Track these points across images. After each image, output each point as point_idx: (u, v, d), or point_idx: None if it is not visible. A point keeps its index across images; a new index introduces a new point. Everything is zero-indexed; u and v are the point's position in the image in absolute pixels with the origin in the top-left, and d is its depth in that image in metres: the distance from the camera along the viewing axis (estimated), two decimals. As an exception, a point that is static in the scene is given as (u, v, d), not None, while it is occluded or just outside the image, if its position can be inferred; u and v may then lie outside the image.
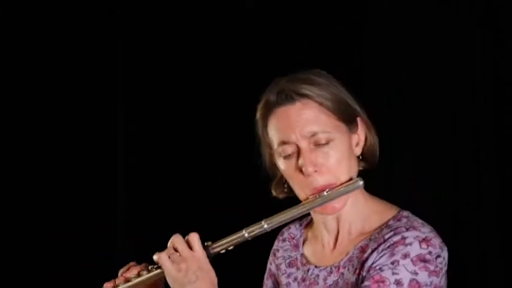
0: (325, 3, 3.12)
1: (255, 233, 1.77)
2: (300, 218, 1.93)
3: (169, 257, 1.73)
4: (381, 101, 2.84)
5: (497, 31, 2.80)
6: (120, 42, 3.41)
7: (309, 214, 1.89)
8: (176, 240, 1.74)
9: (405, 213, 1.79)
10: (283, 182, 1.88)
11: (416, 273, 1.66)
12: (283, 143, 1.78)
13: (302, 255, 1.93)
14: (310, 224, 1.98)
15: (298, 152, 1.77)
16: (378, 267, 1.68)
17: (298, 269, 1.92)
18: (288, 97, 1.78)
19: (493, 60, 2.81)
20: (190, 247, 1.73)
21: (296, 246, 1.97)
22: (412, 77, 2.92)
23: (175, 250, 1.73)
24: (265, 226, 1.76)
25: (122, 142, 3.42)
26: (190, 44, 3.33)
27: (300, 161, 1.76)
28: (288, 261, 1.96)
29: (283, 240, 2.01)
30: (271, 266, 2.03)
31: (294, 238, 1.99)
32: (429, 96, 2.89)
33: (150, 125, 3.39)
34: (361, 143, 1.83)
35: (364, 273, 1.71)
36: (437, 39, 2.88)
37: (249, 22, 3.25)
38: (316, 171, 1.75)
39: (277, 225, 1.78)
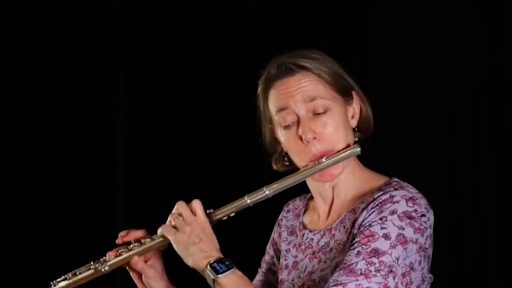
0: (325, 3, 3.12)
1: (256, 198, 1.84)
2: (303, 189, 1.98)
3: (172, 224, 1.81)
4: (380, 100, 2.84)
5: (497, 29, 2.80)
6: (120, 42, 3.41)
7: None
8: (180, 206, 1.82)
9: (395, 179, 1.87)
10: (283, 155, 1.95)
11: (403, 228, 1.73)
12: (282, 109, 1.86)
13: (301, 223, 2.01)
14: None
15: (298, 122, 1.85)
16: (367, 224, 1.75)
17: (297, 236, 1.99)
18: (288, 69, 1.87)
19: (493, 60, 2.81)
20: (193, 213, 1.81)
21: (298, 215, 2.04)
22: (411, 77, 2.92)
23: (179, 216, 1.81)
24: (267, 192, 1.84)
25: (121, 135, 3.43)
26: (190, 43, 3.33)
27: (300, 129, 1.84)
28: (289, 230, 2.03)
29: (288, 211, 2.08)
30: (274, 235, 2.10)
31: (297, 209, 2.06)
32: (429, 96, 2.89)
33: (150, 118, 3.40)
34: (357, 115, 1.92)
35: (355, 231, 1.78)
36: (437, 39, 2.89)
37: (249, 22, 3.25)
38: (315, 138, 1.83)
39: (278, 191, 1.86)
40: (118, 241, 1.93)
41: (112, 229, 3.25)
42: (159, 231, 1.84)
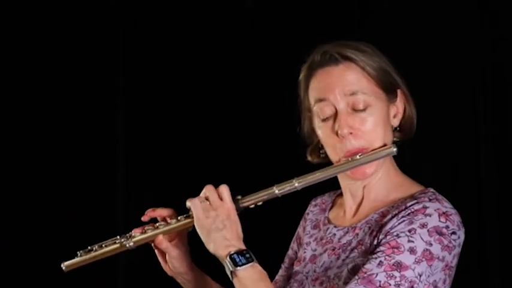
0: (325, 2, 3.12)
1: (285, 190, 1.80)
2: (334, 185, 1.94)
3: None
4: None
5: (497, 29, 2.80)
6: (120, 42, 3.42)
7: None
8: (208, 189, 1.79)
9: (431, 189, 1.81)
10: (319, 147, 1.91)
11: (431, 244, 1.67)
12: (320, 100, 1.81)
13: (326, 217, 1.97)
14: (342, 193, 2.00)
15: (335, 116, 1.80)
16: (395, 233, 1.69)
17: (320, 229, 1.96)
18: (332, 58, 1.83)
19: (493, 60, 2.81)
20: (220, 198, 1.77)
21: (324, 210, 2.00)
22: (411, 77, 2.90)
23: (206, 199, 1.77)
24: (296, 184, 1.80)
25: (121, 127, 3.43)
26: (190, 43, 3.33)
27: (337, 124, 1.79)
28: (313, 223, 2.00)
29: (315, 205, 2.05)
30: (299, 229, 2.06)
31: (324, 203, 2.03)
32: (429, 96, 2.89)
33: (150, 118, 3.40)
34: (399, 115, 1.88)
35: (381, 236, 1.72)
36: (437, 39, 2.88)
37: (249, 22, 3.25)
38: (351, 133, 1.78)
39: (308, 185, 1.81)
40: (144, 218, 1.90)
41: (112, 229, 3.28)
42: (188, 204, 1.80)
